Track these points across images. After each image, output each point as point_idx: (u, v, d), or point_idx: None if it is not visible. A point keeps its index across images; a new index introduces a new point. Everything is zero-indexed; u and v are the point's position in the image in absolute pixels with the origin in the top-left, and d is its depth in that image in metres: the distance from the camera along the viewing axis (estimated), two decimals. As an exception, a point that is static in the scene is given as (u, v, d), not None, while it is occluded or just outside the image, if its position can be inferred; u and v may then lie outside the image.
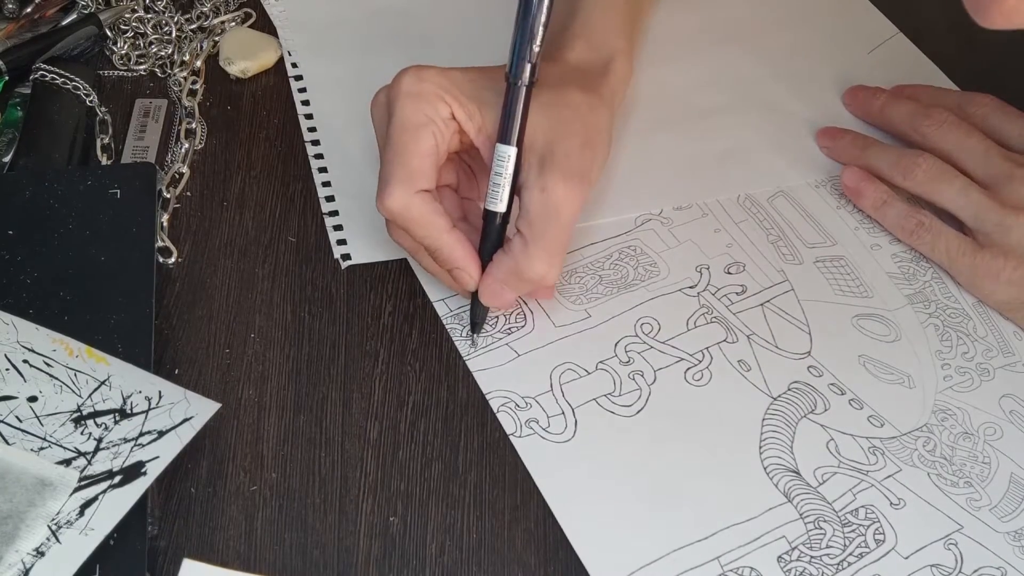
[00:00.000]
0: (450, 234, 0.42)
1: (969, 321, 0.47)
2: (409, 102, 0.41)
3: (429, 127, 0.41)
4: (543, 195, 0.40)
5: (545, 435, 0.41)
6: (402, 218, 0.41)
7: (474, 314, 0.44)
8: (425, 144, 0.41)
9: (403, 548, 0.38)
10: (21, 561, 0.34)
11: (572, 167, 0.41)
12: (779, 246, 0.49)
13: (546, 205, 0.40)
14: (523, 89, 0.40)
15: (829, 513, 0.40)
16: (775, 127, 0.55)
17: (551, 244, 0.41)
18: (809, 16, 0.61)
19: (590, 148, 0.42)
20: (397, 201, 0.41)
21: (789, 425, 0.43)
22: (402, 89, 0.41)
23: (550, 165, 0.41)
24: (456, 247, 0.42)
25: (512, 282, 0.42)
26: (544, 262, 0.41)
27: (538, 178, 0.41)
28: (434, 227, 0.41)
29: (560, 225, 0.41)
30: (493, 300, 0.43)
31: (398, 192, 0.41)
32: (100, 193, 0.46)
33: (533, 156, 0.41)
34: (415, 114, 0.41)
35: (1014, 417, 0.44)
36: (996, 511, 0.41)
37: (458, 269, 0.42)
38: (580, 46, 0.46)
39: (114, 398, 0.38)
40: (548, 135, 0.41)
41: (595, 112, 0.43)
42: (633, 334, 0.45)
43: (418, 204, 0.41)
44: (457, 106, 0.41)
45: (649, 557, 0.38)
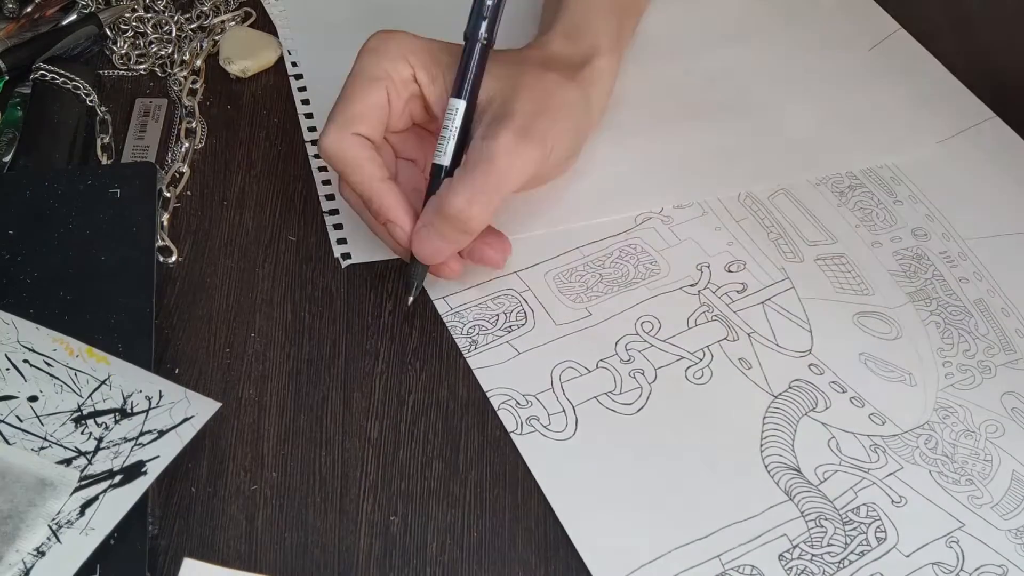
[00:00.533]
0: (383, 182, 0.41)
1: (970, 319, 0.47)
2: (369, 56, 0.42)
3: (383, 81, 0.41)
4: (483, 142, 0.40)
5: (546, 433, 0.41)
6: (335, 160, 0.41)
7: (409, 271, 0.43)
8: (374, 95, 0.41)
9: (403, 547, 0.38)
10: (22, 561, 0.34)
11: (522, 125, 0.40)
12: (780, 244, 0.49)
13: (483, 151, 0.40)
14: (477, 45, 0.41)
15: (830, 511, 0.40)
16: (776, 124, 0.55)
17: (476, 182, 0.39)
18: (810, 12, 0.61)
19: (547, 115, 0.41)
20: (332, 141, 0.41)
21: (790, 423, 0.42)
22: (367, 45, 0.42)
23: (499, 120, 0.40)
24: (387, 195, 0.41)
25: (436, 223, 0.40)
26: (463, 197, 0.39)
27: (484, 129, 0.41)
28: (365, 172, 0.41)
29: (492, 168, 0.39)
30: (422, 249, 0.41)
31: (333, 132, 0.41)
32: (100, 193, 0.46)
33: (487, 115, 0.41)
34: (371, 67, 0.42)
35: (1016, 415, 0.44)
36: (998, 509, 0.40)
37: (390, 222, 0.42)
38: (560, 41, 0.46)
39: (114, 398, 0.38)
40: (505, 98, 0.41)
41: (563, 88, 0.43)
42: (634, 332, 0.45)
43: (351, 146, 0.41)
44: (420, 68, 0.42)
45: (650, 555, 0.38)
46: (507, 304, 0.46)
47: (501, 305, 0.46)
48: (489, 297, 0.46)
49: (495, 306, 0.46)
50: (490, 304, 0.46)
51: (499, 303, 0.46)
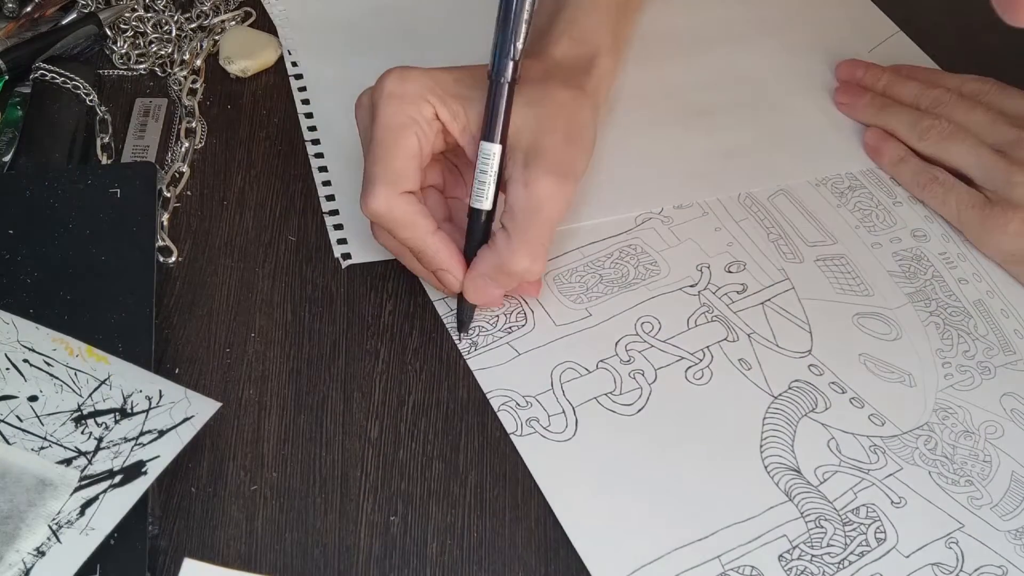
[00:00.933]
0: (434, 236, 0.42)
1: (970, 319, 0.47)
2: (392, 103, 0.41)
3: (412, 128, 0.41)
4: (527, 190, 0.40)
5: (546, 434, 0.41)
6: (386, 220, 0.41)
7: (460, 313, 0.44)
8: (408, 145, 0.41)
9: (403, 547, 0.38)
10: (22, 561, 0.34)
11: (557, 162, 0.41)
12: (780, 245, 0.49)
13: (530, 200, 0.40)
14: (505, 86, 0.40)
15: (830, 512, 0.40)
16: (775, 125, 0.55)
17: (535, 238, 0.41)
18: (810, 14, 0.61)
19: (574, 144, 0.42)
20: (381, 203, 0.41)
21: (790, 424, 0.42)
22: (385, 90, 0.41)
23: (534, 161, 0.41)
24: (440, 248, 0.42)
25: (496, 277, 0.42)
26: (527, 256, 0.41)
27: (523, 173, 0.41)
28: (418, 228, 0.41)
29: (544, 220, 0.41)
30: (478, 297, 0.43)
31: (382, 194, 0.41)
32: (100, 192, 0.46)
33: (518, 152, 0.41)
34: (398, 115, 0.41)
35: (1015, 415, 0.44)
36: (997, 509, 0.41)
37: (442, 271, 0.42)
38: (564, 42, 0.46)
39: (114, 397, 0.38)
40: (533, 131, 0.41)
41: (579, 107, 0.43)
42: (634, 333, 0.45)
43: (402, 206, 0.41)
44: (441, 106, 0.41)
45: (650, 556, 0.38)
46: (507, 305, 0.46)
47: (501, 306, 0.46)
48: (489, 297, 0.46)
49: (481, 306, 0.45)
50: (490, 304, 0.46)
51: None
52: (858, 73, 0.56)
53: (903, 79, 0.54)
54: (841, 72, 0.57)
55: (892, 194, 0.52)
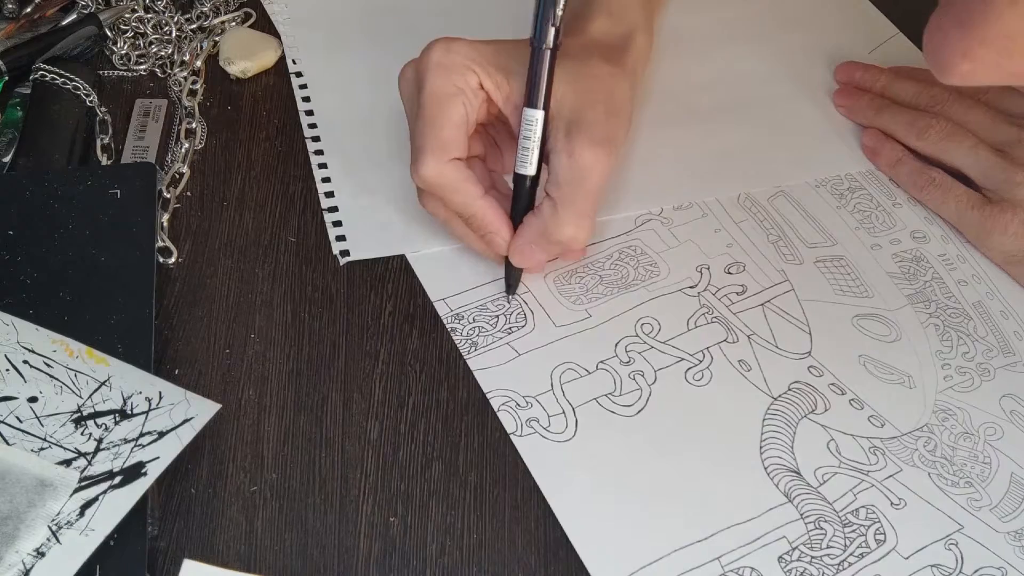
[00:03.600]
0: (483, 199, 0.43)
1: (969, 321, 0.47)
2: (439, 73, 0.42)
3: (459, 97, 0.42)
4: (571, 159, 0.41)
5: (546, 434, 0.41)
6: (437, 186, 0.42)
7: (508, 276, 0.46)
8: (456, 113, 0.42)
9: (403, 548, 0.38)
10: (21, 562, 0.34)
11: (598, 133, 0.42)
12: (779, 246, 0.49)
13: (573, 169, 0.41)
14: (547, 53, 0.41)
15: (830, 513, 0.40)
16: (775, 126, 0.55)
17: (580, 207, 0.42)
18: (809, 16, 0.61)
19: (614, 115, 0.43)
20: (431, 169, 0.42)
21: (789, 425, 0.42)
22: (432, 60, 0.42)
23: (577, 131, 0.41)
24: (489, 212, 0.43)
25: (542, 244, 0.43)
26: (573, 225, 0.42)
27: (566, 143, 0.41)
28: (468, 194, 0.43)
29: (588, 189, 0.42)
30: (524, 261, 0.44)
31: (432, 161, 0.42)
32: (100, 193, 0.46)
33: (560, 122, 0.42)
34: (445, 84, 0.42)
35: (1014, 417, 0.44)
36: (997, 511, 0.41)
37: (491, 233, 0.44)
38: (602, 19, 0.47)
39: (114, 399, 0.38)
40: (574, 103, 0.42)
41: (617, 82, 0.44)
42: (633, 334, 0.45)
43: (451, 172, 0.42)
44: (485, 76, 0.42)
45: (650, 557, 0.38)
46: (507, 306, 0.46)
47: (501, 307, 0.46)
48: (489, 299, 0.46)
49: (495, 308, 0.46)
50: (490, 306, 0.46)
51: (499, 305, 0.46)
52: (857, 74, 0.56)
53: (902, 79, 0.55)
54: (840, 74, 0.57)
55: (892, 196, 0.52)
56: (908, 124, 0.52)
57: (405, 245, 0.48)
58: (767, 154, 0.53)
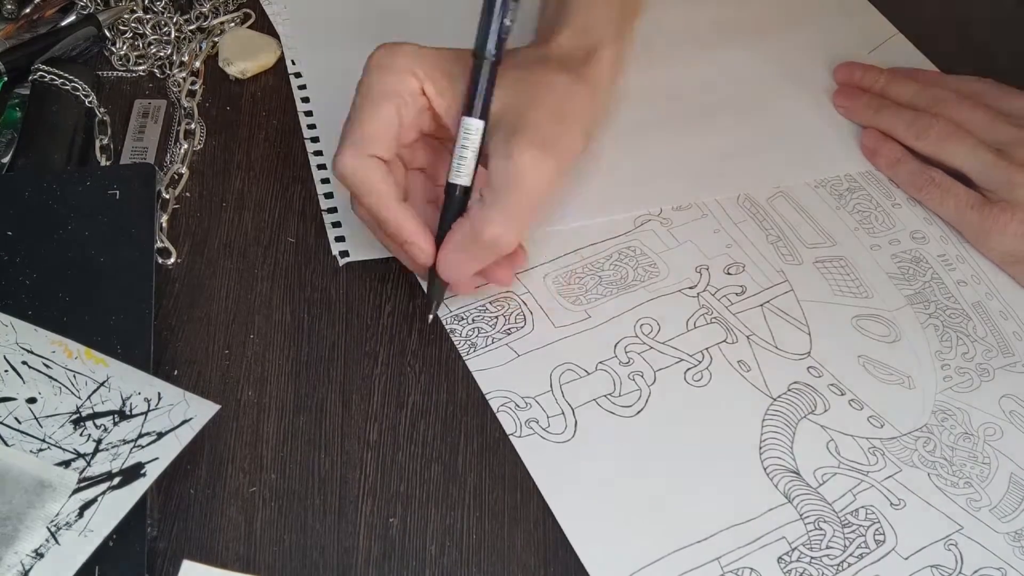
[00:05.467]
0: (398, 204, 0.41)
1: (969, 322, 0.47)
2: (376, 72, 0.42)
3: (392, 98, 0.41)
4: (506, 161, 0.40)
5: (545, 435, 0.41)
6: (350, 181, 0.41)
7: (430, 291, 0.43)
8: (384, 112, 0.41)
9: (403, 549, 0.38)
10: (20, 563, 0.34)
11: (540, 136, 0.40)
12: (779, 246, 0.49)
13: (508, 169, 0.40)
14: (488, 63, 0.41)
15: (829, 514, 0.40)
16: (775, 127, 0.55)
17: (510, 207, 0.40)
18: (809, 16, 0.61)
19: (561, 123, 0.42)
20: (346, 164, 0.41)
21: (789, 426, 0.42)
22: (373, 61, 0.42)
23: (517, 134, 0.40)
24: (404, 219, 0.41)
25: (467, 247, 0.41)
26: (500, 224, 0.40)
27: (504, 146, 0.40)
28: (382, 195, 0.41)
29: (522, 190, 0.40)
30: (450, 270, 0.42)
31: (348, 153, 0.41)
32: (99, 194, 0.46)
33: (501, 128, 0.41)
34: (379, 83, 0.41)
35: (1014, 417, 0.44)
36: (996, 511, 0.41)
37: (408, 243, 0.42)
38: (567, 33, 0.46)
39: (113, 399, 0.38)
40: (518, 108, 0.41)
41: (572, 91, 0.43)
42: (633, 335, 0.45)
43: (366, 168, 0.41)
44: (428, 81, 0.42)
45: (649, 558, 0.38)
46: (506, 306, 0.46)
47: (500, 308, 0.46)
48: (488, 300, 0.46)
49: (494, 308, 0.46)
50: (489, 307, 0.46)
51: (498, 306, 0.46)
52: (856, 75, 0.56)
53: (901, 80, 0.55)
54: (839, 74, 0.57)
55: (891, 196, 0.52)
56: (908, 124, 0.52)
57: None
58: (766, 155, 0.53)
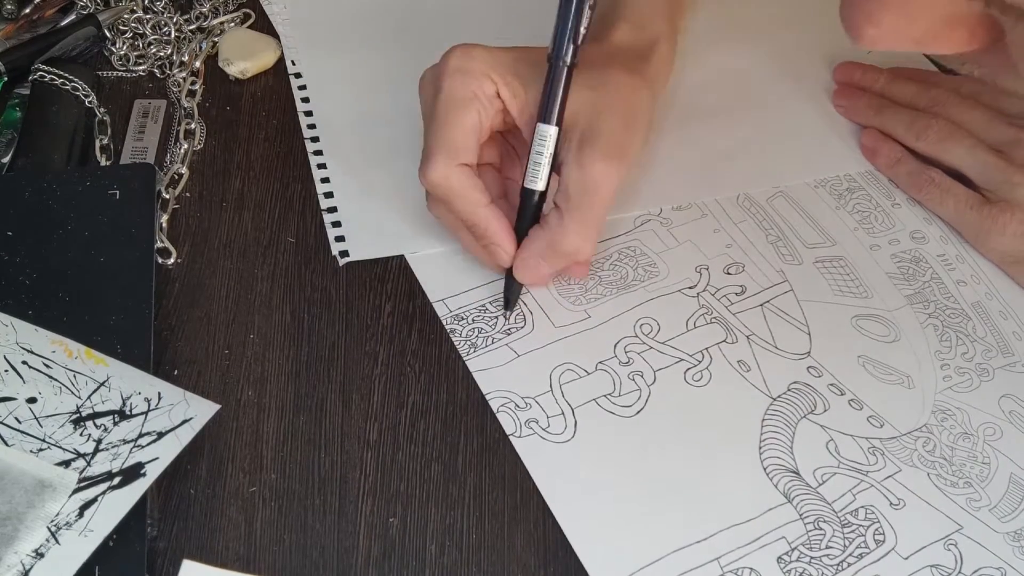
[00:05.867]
0: (487, 208, 0.43)
1: (969, 321, 0.47)
2: (457, 78, 0.42)
3: (474, 103, 0.42)
4: (581, 171, 0.41)
5: (545, 435, 0.41)
6: (443, 190, 0.42)
7: (508, 291, 0.45)
8: (469, 119, 0.42)
9: (403, 549, 0.38)
10: (20, 563, 0.34)
11: (611, 145, 0.41)
12: (778, 246, 0.49)
13: (583, 181, 0.41)
14: (564, 69, 0.41)
15: (829, 513, 0.40)
16: (774, 127, 0.55)
17: (587, 218, 0.42)
18: (808, 16, 0.61)
19: (630, 128, 0.43)
20: (439, 173, 0.42)
21: (789, 425, 0.43)
22: (450, 65, 0.42)
23: (590, 143, 0.41)
24: (492, 221, 0.43)
25: (547, 256, 0.43)
26: (579, 236, 0.42)
27: (577, 155, 0.41)
28: (472, 201, 0.42)
29: (597, 201, 0.42)
30: (528, 275, 0.44)
31: (440, 164, 0.42)
32: (99, 194, 0.46)
33: (574, 134, 0.42)
34: (461, 89, 0.42)
35: (1013, 417, 0.44)
36: (996, 511, 0.41)
37: (494, 244, 0.43)
38: (625, 28, 0.47)
39: (113, 399, 0.38)
40: (589, 114, 0.42)
41: (637, 93, 0.44)
42: (633, 335, 0.45)
43: (459, 176, 0.42)
44: (502, 84, 0.42)
45: (649, 558, 0.38)
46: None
47: (500, 307, 0.46)
48: (488, 299, 0.46)
49: (494, 308, 0.46)
50: (489, 307, 0.46)
51: (498, 306, 0.46)
52: (856, 75, 0.56)
53: (901, 80, 0.55)
54: (839, 74, 0.57)
55: (891, 196, 0.52)
56: (907, 124, 0.52)
57: (404, 245, 0.48)
58: (766, 154, 0.53)
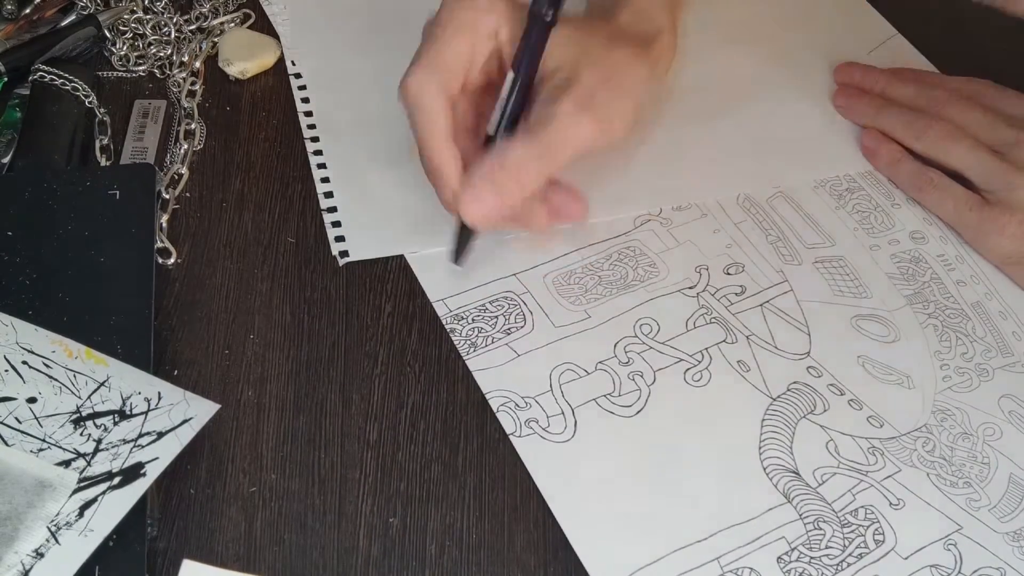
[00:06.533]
0: (444, 138, 0.41)
1: (968, 321, 0.47)
2: (457, 5, 0.42)
3: (470, 32, 0.42)
4: (547, 109, 0.41)
5: (545, 435, 0.42)
6: (412, 100, 0.42)
7: (459, 239, 0.44)
8: (460, 43, 0.42)
9: (403, 549, 0.38)
10: (20, 563, 0.34)
11: (584, 95, 0.41)
12: (778, 247, 0.49)
13: (542, 114, 0.41)
14: (540, 24, 0.41)
15: (829, 513, 0.40)
16: (774, 127, 0.55)
17: (536, 142, 0.40)
18: (808, 16, 0.61)
19: (613, 90, 0.42)
20: (415, 81, 0.42)
21: (788, 425, 0.43)
22: None
23: (562, 88, 0.41)
24: (442, 152, 0.41)
25: (494, 176, 0.40)
26: (522, 149, 0.40)
27: (548, 98, 0.41)
28: (432, 123, 0.41)
29: (552, 132, 0.40)
30: (473, 204, 0.41)
31: (419, 74, 0.42)
32: (99, 194, 0.46)
33: (550, 84, 0.42)
34: (459, 16, 0.42)
35: (1013, 417, 0.44)
36: (995, 511, 0.41)
37: (440, 176, 0.42)
38: (626, 13, 0.47)
39: (113, 399, 0.38)
40: (571, 68, 0.42)
41: (632, 64, 0.44)
42: (632, 334, 0.45)
43: (431, 94, 0.41)
44: (504, 25, 0.42)
45: (649, 558, 0.38)
46: (506, 306, 0.46)
47: (500, 307, 0.46)
48: (488, 299, 0.46)
49: (494, 308, 0.46)
50: (489, 306, 0.46)
51: (498, 305, 0.46)
52: (856, 75, 0.56)
53: (901, 81, 0.55)
54: (839, 75, 0.57)
55: (891, 196, 0.52)
56: (907, 124, 0.52)
57: (404, 245, 0.48)
58: (766, 155, 0.53)
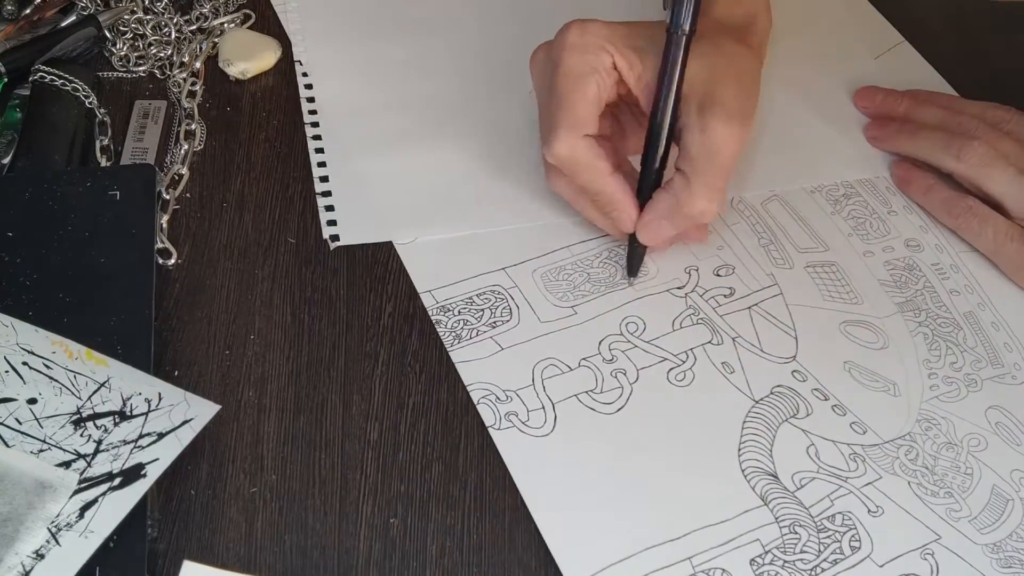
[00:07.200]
0: (612, 177, 0.44)
1: (959, 331, 0.47)
2: (575, 53, 0.43)
3: (593, 76, 0.43)
4: (703, 135, 0.42)
5: (524, 428, 0.42)
6: (568, 162, 0.44)
7: (631, 256, 0.47)
8: (590, 91, 0.43)
9: (403, 549, 0.38)
10: (21, 564, 0.34)
11: (730, 109, 0.42)
12: (770, 250, 0.50)
13: (706, 145, 0.42)
14: (683, 39, 0.42)
15: (805, 518, 0.40)
16: (773, 131, 0.55)
17: (711, 181, 0.43)
18: (812, 21, 0.61)
19: (745, 92, 0.44)
20: (564, 146, 0.43)
21: (770, 428, 0.43)
22: (568, 41, 0.44)
23: (709, 108, 0.42)
24: (617, 189, 0.44)
25: (672, 218, 0.44)
26: (704, 198, 0.43)
27: (698, 120, 0.43)
28: (598, 171, 0.44)
29: (720, 163, 0.43)
30: (651, 236, 0.45)
31: (565, 137, 0.43)
32: (99, 194, 0.46)
33: (693, 100, 0.43)
34: (580, 64, 0.43)
35: (1000, 429, 0.44)
36: (976, 522, 0.41)
37: (618, 211, 0.45)
38: (721, 5, 0.48)
39: (114, 400, 0.39)
40: (706, 81, 0.43)
41: (746, 59, 0.45)
42: (618, 332, 0.45)
43: (583, 148, 0.43)
44: (619, 56, 0.44)
45: (621, 554, 0.38)
46: (493, 299, 0.46)
47: (487, 300, 0.46)
48: (475, 292, 0.46)
49: (480, 301, 0.46)
50: (476, 299, 0.46)
51: (485, 298, 0.46)
52: (877, 98, 0.56)
53: (924, 104, 0.54)
54: (860, 99, 0.56)
55: (887, 203, 0.52)
56: (945, 145, 0.50)
57: (395, 233, 0.48)
58: (763, 158, 0.53)
